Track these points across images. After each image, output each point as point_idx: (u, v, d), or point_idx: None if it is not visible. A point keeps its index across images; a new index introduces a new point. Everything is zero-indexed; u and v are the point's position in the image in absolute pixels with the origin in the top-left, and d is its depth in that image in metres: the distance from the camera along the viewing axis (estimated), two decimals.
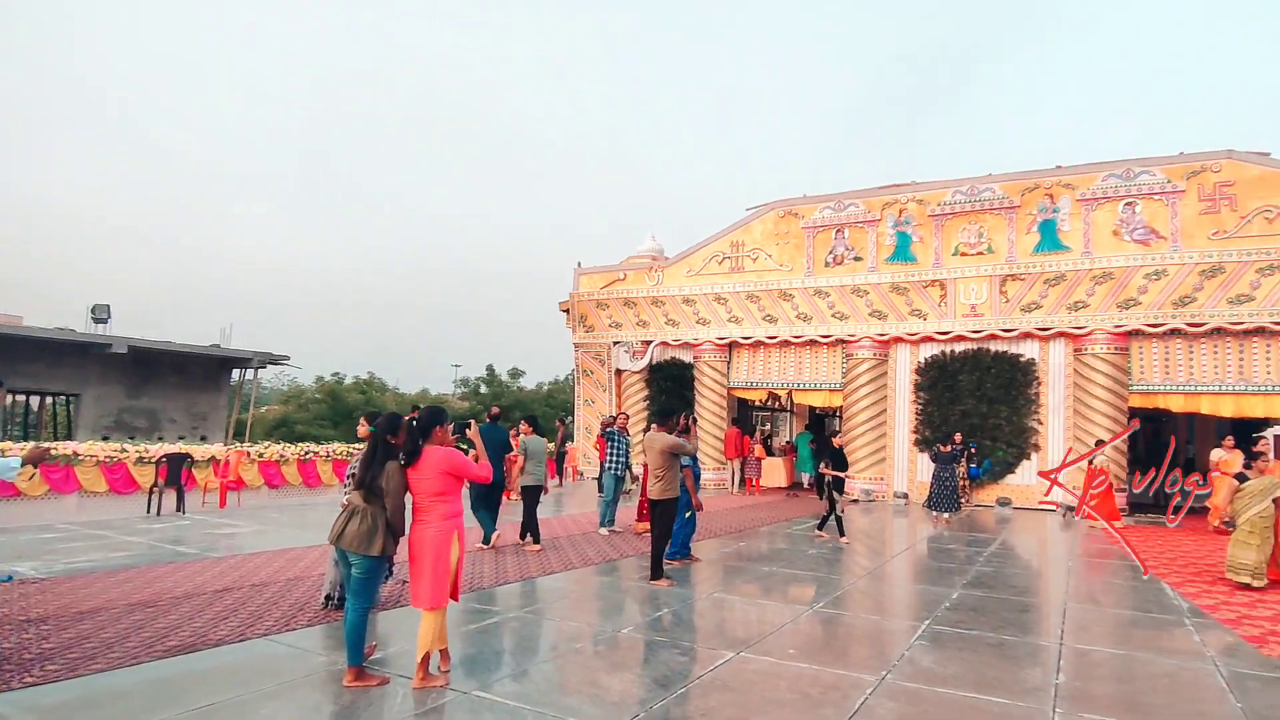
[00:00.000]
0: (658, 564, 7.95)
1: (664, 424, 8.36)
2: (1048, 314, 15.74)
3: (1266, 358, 14.44)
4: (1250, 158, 14.67)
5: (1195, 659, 5.72)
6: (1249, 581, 8.15)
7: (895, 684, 4.96)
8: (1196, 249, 14.68)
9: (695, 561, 9.09)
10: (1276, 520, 8.24)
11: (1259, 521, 8.22)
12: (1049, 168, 16.40)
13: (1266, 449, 9.28)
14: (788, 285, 18.40)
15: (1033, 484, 15.93)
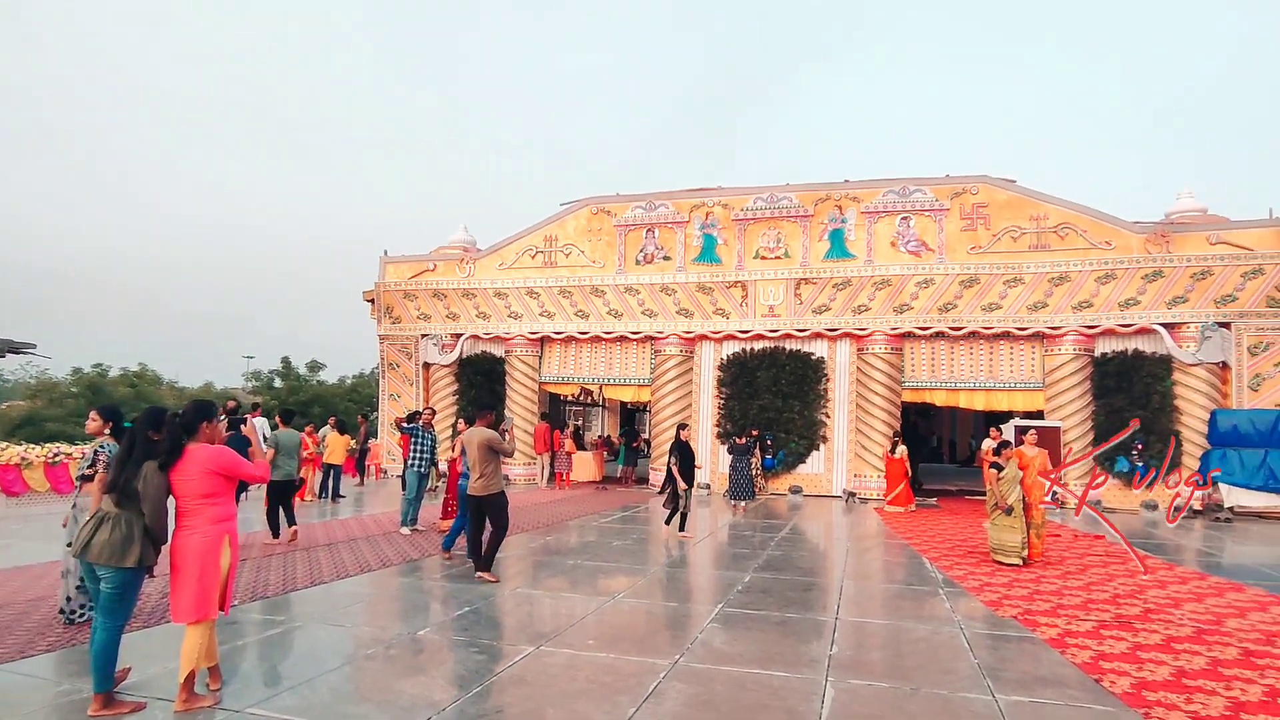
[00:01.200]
0: (490, 558, 7.82)
1: (483, 417, 8.18)
2: (836, 316, 17.10)
3: (1011, 358, 16.61)
4: (1000, 183, 16.77)
5: (945, 624, 6.43)
6: (1015, 562, 8.91)
7: (687, 666, 5.15)
8: (958, 261, 16.55)
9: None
10: (1027, 504, 9.21)
11: (1018, 506, 9.02)
12: (838, 181, 17.81)
13: (1031, 439, 10.33)
14: (600, 281, 18.65)
15: (821, 473, 17.26)
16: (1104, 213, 16.13)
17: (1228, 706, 4.53)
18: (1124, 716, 4.41)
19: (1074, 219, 16.15)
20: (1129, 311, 15.62)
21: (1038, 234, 16.26)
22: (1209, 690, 4.80)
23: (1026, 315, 16.06)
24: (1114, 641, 5.88)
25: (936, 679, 5.04)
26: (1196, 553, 10.89)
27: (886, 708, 4.51)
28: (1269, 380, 14.99)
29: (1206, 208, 16.48)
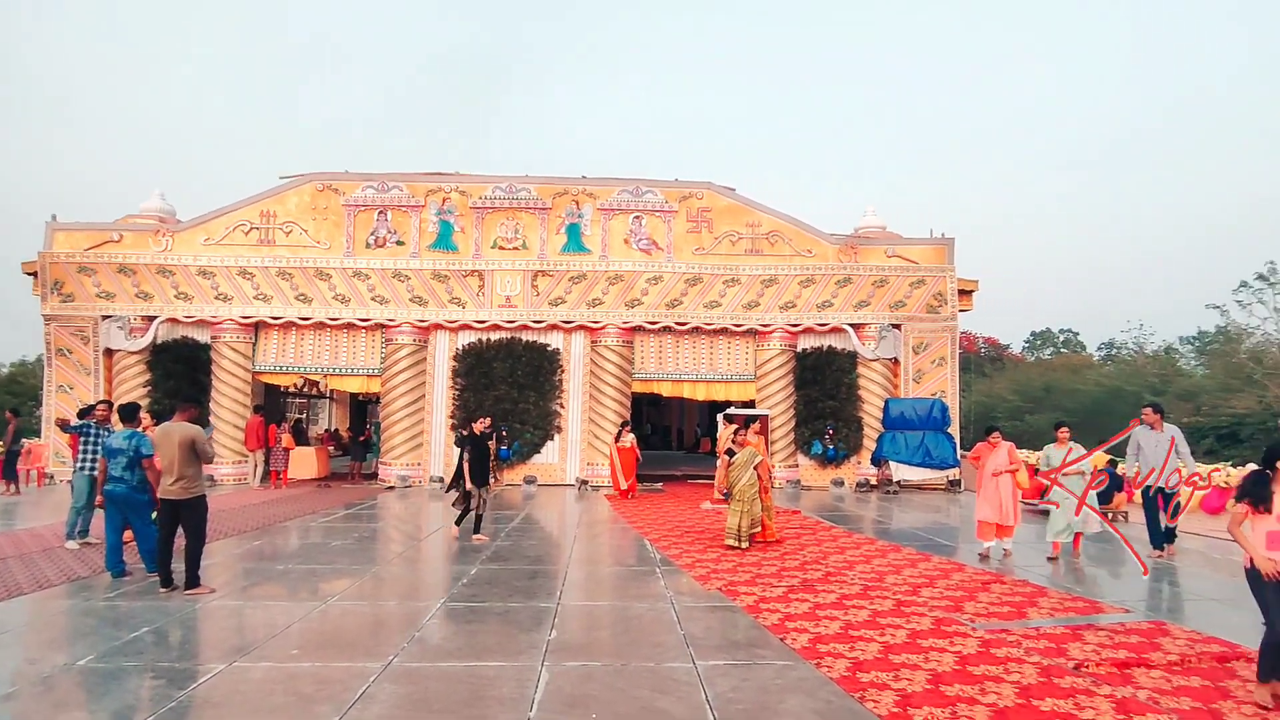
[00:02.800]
0: (194, 572, 6.89)
1: (184, 411, 7.27)
2: (571, 308, 17.46)
3: (728, 352, 18.10)
4: (722, 190, 18.18)
5: (659, 600, 6.82)
6: (734, 543, 9.19)
7: (400, 666, 4.93)
8: (684, 261, 17.67)
9: None
10: (761, 487, 9.58)
11: (747, 490, 9.35)
12: (576, 177, 18.18)
13: (756, 428, 11.08)
14: (325, 264, 17.34)
15: (555, 462, 17.56)
16: (806, 224, 18.12)
17: (880, 649, 5.28)
18: (800, 667, 4.96)
19: (782, 228, 17.97)
20: (825, 312, 17.72)
21: (752, 239, 17.87)
22: (867, 638, 5.56)
23: (742, 313, 17.59)
24: (798, 603, 6.61)
25: (646, 652, 5.31)
26: (871, 521, 12.62)
27: (598, 685, 4.65)
28: (928, 374, 17.82)
29: (886, 225, 19.16)
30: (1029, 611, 6.41)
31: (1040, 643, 5.49)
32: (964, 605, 6.59)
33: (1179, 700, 4.39)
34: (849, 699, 4.41)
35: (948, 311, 17.83)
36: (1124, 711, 4.19)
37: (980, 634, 5.70)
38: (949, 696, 4.40)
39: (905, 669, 4.89)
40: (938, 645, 5.39)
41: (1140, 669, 4.93)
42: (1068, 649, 5.33)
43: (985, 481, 9.09)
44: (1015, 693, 4.47)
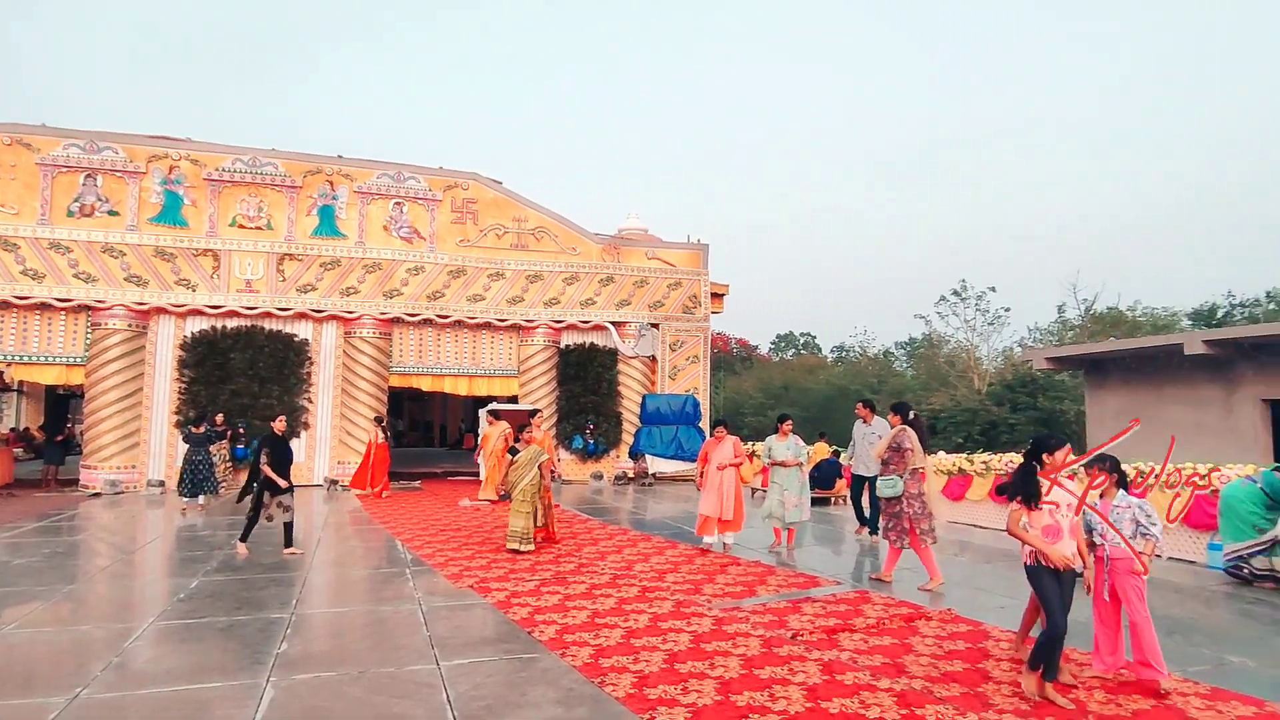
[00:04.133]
0: None
1: None
2: (323, 296, 16.29)
3: (491, 347, 17.88)
4: (488, 182, 17.91)
5: (406, 602, 6.55)
6: (517, 547, 8.58)
7: (91, 698, 4.29)
8: (448, 252, 17.17)
9: None
10: (543, 486, 9.08)
11: (529, 489, 8.82)
12: (332, 156, 16.99)
13: (539, 421, 10.60)
14: (13, 232, 14.67)
15: (302, 461, 16.22)
16: (572, 222, 18.40)
17: (623, 635, 5.48)
18: (545, 659, 5.00)
19: (548, 224, 18.09)
20: (588, 310, 18.10)
21: (518, 234, 17.80)
22: (612, 625, 5.74)
23: (506, 308, 17.46)
24: (549, 596, 6.68)
25: (387, 657, 5.07)
26: (627, 513, 13.08)
27: (329, 696, 4.36)
28: (682, 371, 18.84)
29: (647, 228, 20.01)
30: (759, 589, 7.00)
31: (766, 617, 6.00)
32: (703, 588, 7.03)
33: (873, 658, 5.01)
34: (589, 685, 4.52)
35: (701, 313, 18.99)
36: (828, 671, 4.70)
37: (715, 613, 6.11)
38: (682, 674, 4.67)
39: (645, 651, 5.10)
40: (676, 627, 5.70)
41: (845, 633, 5.56)
42: (788, 620, 5.88)
43: (710, 475, 8.90)
44: (740, 664, 4.84)
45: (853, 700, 4.24)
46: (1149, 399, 16.39)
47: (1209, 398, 15.34)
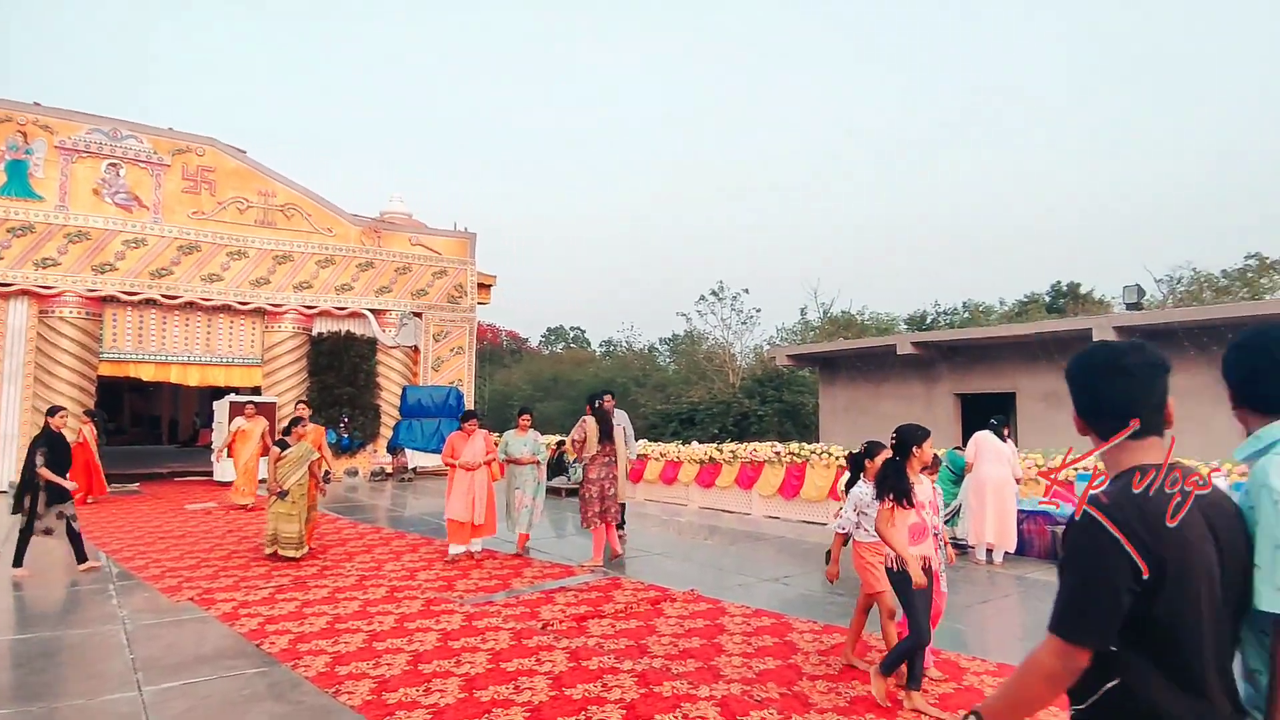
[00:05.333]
0: None
1: None
2: (10, 267, 13.76)
3: (230, 333, 16.16)
4: (229, 150, 16.15)
5: (107, 622, 5.71)
6: (293, 554, 7.76)
7: None
8: (177, 224, 15.25)
9: None
10: (310, 486, 8.16)
11: (298, 489, 7.94)
12: (27, 102, 14.40)
13: (303, 412, 9.43)
14: None
15: None
16: (328, 201, 17.15)
17: (365, 639, 5.18)
18: (275, 672, 4.59)
19: (300, 201, 16.70)
20: (344, 296, 16.98)
21: (265, 210, 16.25)
22: (354, 630, 5.41)
23: (249, 290, 15.88)
24: (285, 603, 6.15)
25: (78, 687, 4.38)
26: (384, 510, 12.45)
27: None
28: (447, 362, 18.30)
29: (412, 213, 19.15)
30: (513, 582, 6.95)
31: (519, 609, 5.97)
32: (456, 584, 6.85)
33: (619, 641, 5.16)
34: (323, 695, 4.21)
35: (468, 303, 18.57)
36: (575, 659, 4.76)
37: (467, 609, 5.97)
38: (426, 674, 4.49)
39: (389, 654, 4.86)
40: (424, 626, 5.49)
41: (595, 620, 5.67)
42: (540, 611, 5.89)
43: (457, 475, 7.98)
44: (488, 659, 4.76)
45: (596, 685, 4.33)
46: (869, 393, 18.57)
47: (915, 393, 17.68)
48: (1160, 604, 1.43)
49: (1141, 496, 1.48)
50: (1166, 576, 1.42)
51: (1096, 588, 1.45)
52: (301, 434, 8.35)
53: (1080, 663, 1.47)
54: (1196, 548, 1.46)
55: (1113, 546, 1.44)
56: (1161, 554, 1.42)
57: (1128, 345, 1.65)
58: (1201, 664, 1.46)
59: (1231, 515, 1.55)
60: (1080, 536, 1.50)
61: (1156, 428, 1.59)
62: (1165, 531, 1.43)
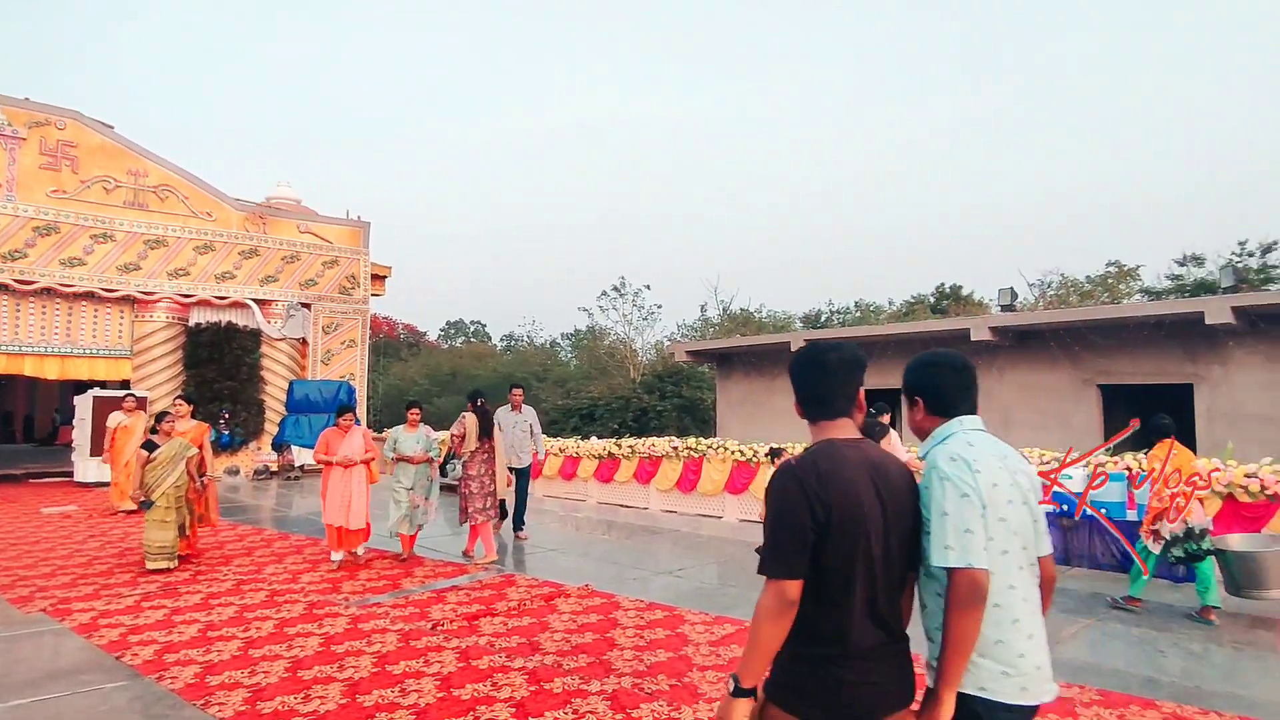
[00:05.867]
0: None
1: None
2: None
3: (95, 322, 15.00)
4: (95, 124, 14.97)
5: None
6: (164, 565, 7.09)
7: None
8: (33, 203, 14.02)
9: None
10: (189, 489, 7.55)
11: (174, 493, 7.28)
12: None
13: (181, 409, 8.34)
14: None
15: None
16: (207, 183, 16.16)
17: (241, 646, 4.91)
18: (136, 685, 4.30)
19: (176, 182, 15.67)
20: (225, 284, 16.05)
21: (135, 190, 15.16)
22: (229, 637, 5.12)
23: (116, 276, 14.77)
24: (152, 611, 5.76)
25: None
26: (268, 510, 11.86)
27: None
28: (337, 355, 17.59)
29: (301, 199, 18.30)
30: (403, 583, 6.75)
31: (408, 610, 5.80)
32: (342, 585, 6.60)
33: (511, 639, 5.09)
34: (190, 708, 3.96)
35: (360, 294, 17.91)
36: (465, 658, 4.66)
37: (353, 611, 5.76)
38: (306, 680, 4.30)
39: (266, 661, 4.62)
40: (306, 631, 5.26)
41: (486, 618, 5.58)
42: (430, 612, 5.75)
43: (332, 476, 7.42)
44: (373, 662, 4.61)
45: (486, 684, 4.25)
46: (764, 389, 19.04)
47: None
48: (828, 542, 1.80)
49: (820, 458, 1.88)
50: (832, 521, 1.80)
51: (790, 531, 1.81)
52: (171, 430, 7.62)
53: (792, 595, 1.80)
54: (861, 500, 1.84)
55: (799, 496, 1.81)
56: (829, 502, 1.80)
57: (830, 345, 2.06)
58: (853, 592, 1.82)
59: (899, 480, 1.94)
60: (778, 491, 1.88)
61: (847, 411, 2.00)
62: (834, 485, 1.82)
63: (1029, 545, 1.97)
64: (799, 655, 1.85)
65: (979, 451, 1.96)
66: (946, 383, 2.09)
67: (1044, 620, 1.99)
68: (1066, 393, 13.87)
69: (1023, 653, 1.90)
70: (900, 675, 1.91)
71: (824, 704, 1.82)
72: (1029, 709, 1.91)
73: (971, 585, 1.81)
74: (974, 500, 1.87)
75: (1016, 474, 1.99)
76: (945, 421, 2.08)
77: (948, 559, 1.83)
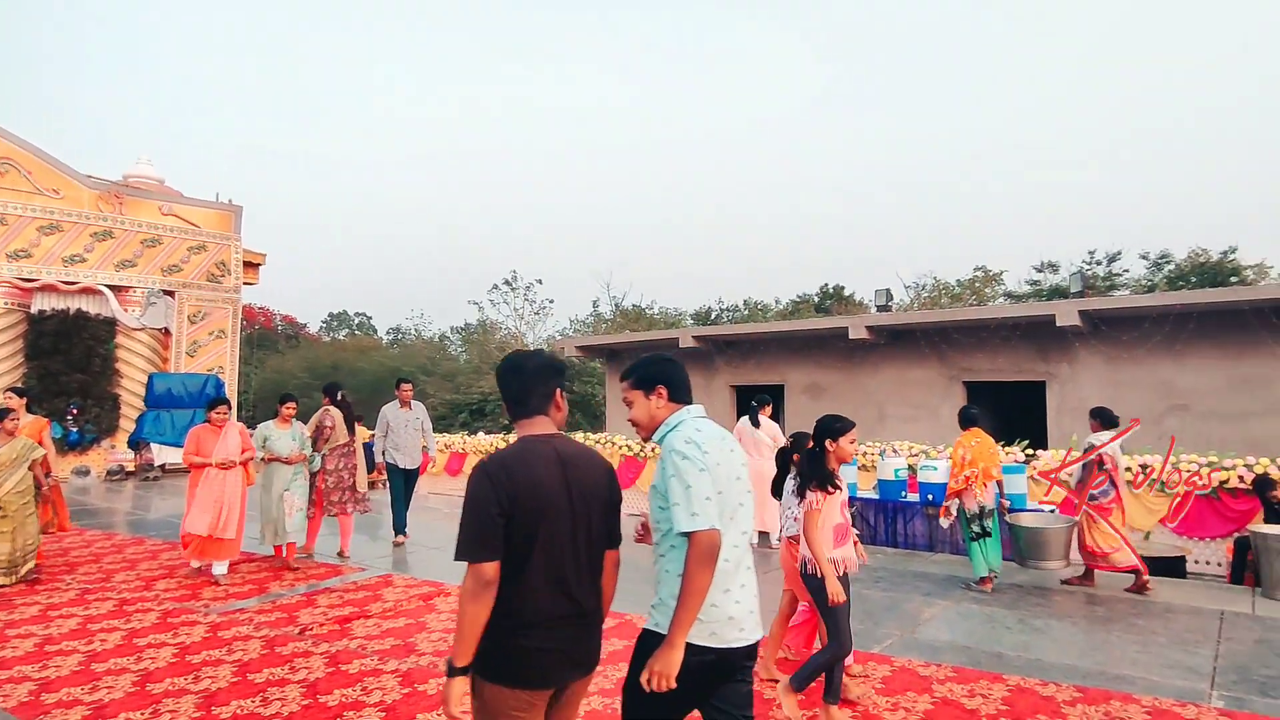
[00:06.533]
0: None
1: None
2: None
3: None
4: None
5: None
6: (4, 582, 6.34)
7: None
8: None
9: None
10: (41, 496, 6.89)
11: (15, 499, 6.47)
12: None
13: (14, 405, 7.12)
14: None
15: None
16: (55, 158, 14.84)
17: (82, 660, 4.54)
18: None
19: (17, 155, 14.30)
20: (74, 269, 14.79)
21: None
22: (69, 651, 4.72)
23: None
24: None
25: None
26: (122, 514, 11.02)
27: None
28: (204, 347, 16.54)
29: (164, 179, 17.08)
30: (270, 586, 6.42)
31: (274, 615, 5.52)
32: (203, 592, 6.21)
33: (384, 641, 4.93)
34: None
35: (231, 282, 16.90)
36: (334, 663, 4.48)
37: (213, 619, 5.43)
38: (156, 694, 4.02)
39: (111, 675, 4.29)
40: (159, 641, 4.91)
41: (360, 620, 5.38)
42: (299, 616, 5.49)
43: (206, 478, 6.62)
44: (233, 672, 4.36)
45: (355, 689, 4.10)
46: None
47: (695, 384, 18.44)
48: (512, 526, 2.07)
49: (510, 455, 2.16)
50: (517, 509, 2.07)
51: (481, 519, 2.06)
52: (13, 429, 6.67)
53: (488, 575, 2.04)
54: (546, 489, 2.12)
55: (486, 489, 2.07)
56: (514, 493, 2.07)
57: (530, 353, 2.40)
58: (537, 569, 2.09)
59: (591, 470, 2.26)
60: (471, 484, 2.11)
61: (544, 410, 2.30)
62: (519, 477, 2.09)
63: (740, 515, 2.33)
64: (491, 628, 2.07)
65: (705, 435, 2.30)
66: (682, 376, 2.45)
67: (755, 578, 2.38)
68: (935, 388, 14.70)
69: (715, 603, 2.21)
70: (585, 643, 2.21)
71: (512, 669, 2.08)
72: (719, 650, 2.21)
73: (710, 544, 2.12)
74: (708, 474, 2.20)
75: (733, 454, 2.35)
76: (680, 409, 2.40)
77: (695, 524, 2.12)
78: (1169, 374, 12.54)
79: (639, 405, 2.45)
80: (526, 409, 2.29)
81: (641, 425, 2.46)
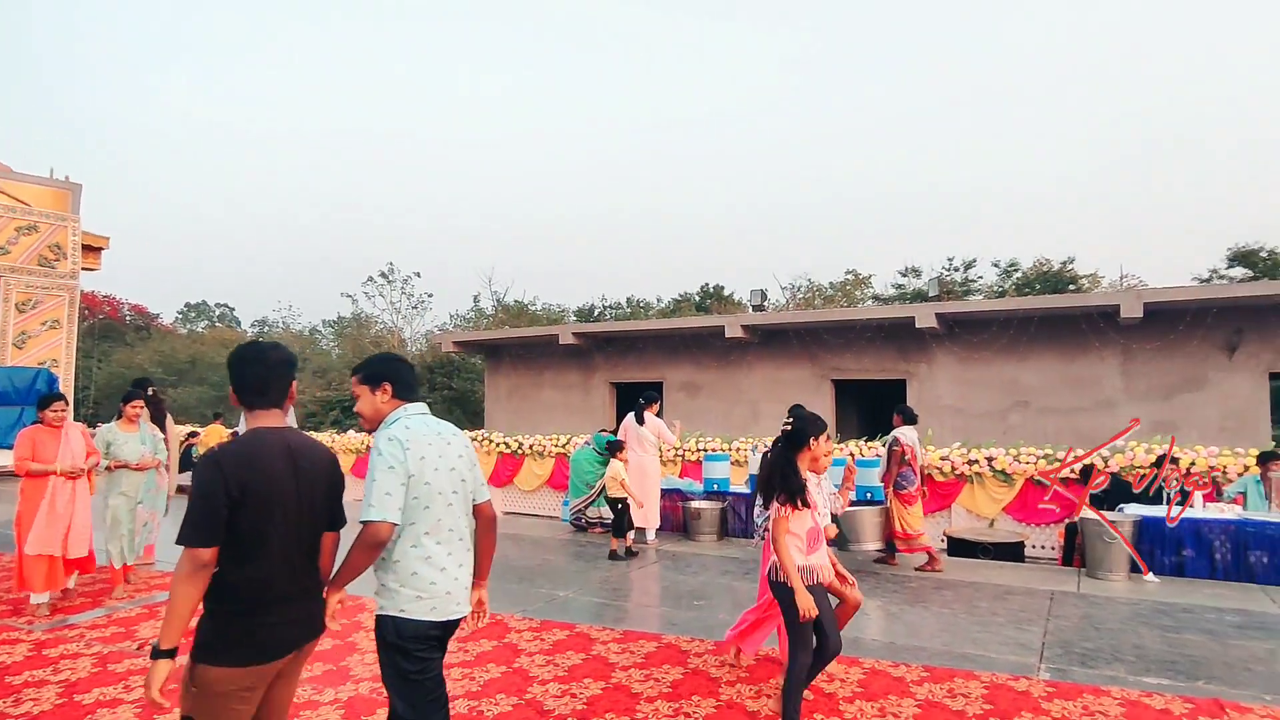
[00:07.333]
0: None
1: None
2: None
3: None
4: None
5: None
6: None
7: None
8: None
9: None
10: None
11: None
12: None
13: None
14: None
15: None
16: None
17: None
18: None
19: None
20: None
21: None
22: None
23: None
24: None
25: None
26: None
27: None
28: (36, 338, 15.07)
29: None
30: (106, 600, 5.91)
31: (109, 630, 5.09)
32: (26, 607, 5.63)
33: None
34: None
35: (68, 267, 15.47)
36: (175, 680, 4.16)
37: (37, 636, 4.94)
38: None
39: None
40: None
41: None
42: (138, 630, 5.08)
43: (47, 490, 5.70)
44: (59, 693, 3.98)
45: None
46: (532, 381, 19.07)
47: (574, 381, 18.54)
48: (243, 513, 2.14)
49: (240, 445, 2.24)
50: (246, 497, 2.14)
51: (207, 505, 2.10)
52: None
53: (205, 559, 2.09)
54: (276, 477, 2.22)
55: (217, 477, 2.12)
56: (243, 482, 2.14)
57: (268, 345, 2.44)
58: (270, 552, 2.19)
59: (316, 461, 2.37)
60: (200, 472, 2.16)
61: (279, 403, 2.37)
62: (249, 467, 2.17)
63: (454, 502, 2.60)
64: (218, 612, 2.16)
65: (413, 433, 2.52)
66: (408, 375, 2.67)
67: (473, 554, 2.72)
68: (806, 386, 15.31)
69: (434, 581, 2.51)
70: (310, 615, 2.36)
71: (245, 648, 2.17)
72: (439, 624, 2.52)
73: (374, 534, 2.40)
74: (398, 471, 2.44)
75: (448, 447, 2.61)
76: (401, 405, 2.62)
77: (369, 514, 2.40)
78: (1013, 373, 13.58)
79: (365, 399, 2.64)
80: (265, 400, 2.34)
81: (366, 418, 2.65)
